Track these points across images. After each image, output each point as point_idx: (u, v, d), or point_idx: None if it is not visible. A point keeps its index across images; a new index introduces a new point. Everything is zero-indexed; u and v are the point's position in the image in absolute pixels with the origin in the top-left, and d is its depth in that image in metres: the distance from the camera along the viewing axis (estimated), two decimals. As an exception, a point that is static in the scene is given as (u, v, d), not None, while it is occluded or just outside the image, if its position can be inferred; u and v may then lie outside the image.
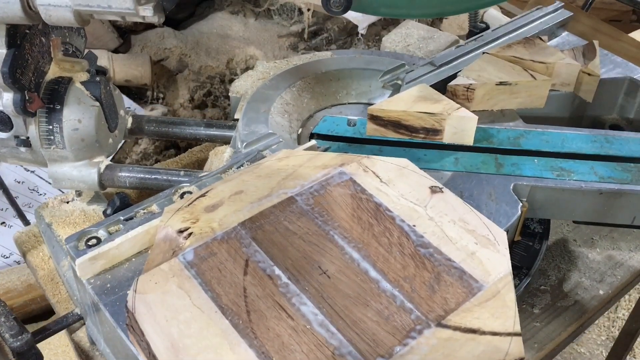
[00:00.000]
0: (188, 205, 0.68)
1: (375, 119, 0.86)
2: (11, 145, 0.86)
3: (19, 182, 1.90)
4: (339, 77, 1.02)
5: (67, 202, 0.95)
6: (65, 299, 0.92)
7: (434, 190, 0.69)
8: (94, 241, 0.68)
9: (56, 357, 1.59)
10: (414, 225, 0.65)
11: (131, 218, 0.71)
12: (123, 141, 1.18)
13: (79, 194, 0.96)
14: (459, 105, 0.85)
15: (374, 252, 0.62)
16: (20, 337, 0.67)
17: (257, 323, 0.56)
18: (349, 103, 1.02)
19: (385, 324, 0.56)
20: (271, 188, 0.70)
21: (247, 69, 2.02)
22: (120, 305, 0.64)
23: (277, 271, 0.60)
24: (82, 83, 0.86)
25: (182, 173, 0.87)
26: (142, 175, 0.89)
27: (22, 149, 0.86)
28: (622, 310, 1.91)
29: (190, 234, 0.64)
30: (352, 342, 0.54)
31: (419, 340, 0.54)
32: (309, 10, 1.86)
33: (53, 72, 0.85)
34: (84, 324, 0.78)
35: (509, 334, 0.55)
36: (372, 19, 1.63)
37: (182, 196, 0.74)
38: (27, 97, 0.78)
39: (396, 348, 0.54)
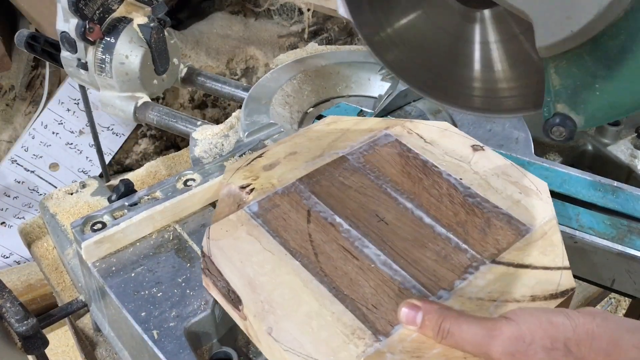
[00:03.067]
0: (247, 164, 0.73)
1: None
2: (74, 66, 1.02)
3: (19, 182, 1.91)
4: (339, 70, 1.03)
5: (72, 194, 0.96)
6: (69, 287, 0.93)
7: (475, 148, 0.74)
8: (99, 226, 0.69)
9: (56, 357, 1.59)
10: (461, 179, 0.69)
11: (135, 204, 0.72)
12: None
13: (82, 185, 0.97)
14: None
15: (426, 202, 0.67)
16: (25, 322, 0.68)
17: (325, 263, 0.60)
18: (349, 96, 1.04)
19: (444, 262, 0.60)
20: (323, 149, 0.74)
21: (247, 69, 2.03)
22: (125, 287, 0.65)
23: (338, 219, 0.65)
24: (138, 25, 0.99)
25: (199, 122, 0.96)
26: (166, 117, 1.01)
27: (82, 71, 1.02)
28: (622, 311, 1.91)
29: (252, 190, 0.68)
30: (415, 277, 0.58)
31: (476, 275, 0.58)
32: (309, 10, 1.88)
33: (120, 11, 1.00)
34: (88, 310, 0.79)
35: (559, 268, 0.59)
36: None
37: (185, 183, 0.75)
38: (88, 26, 0.94)
39: (456, 282, 0.58)
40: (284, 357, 0.52)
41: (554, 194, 0.76)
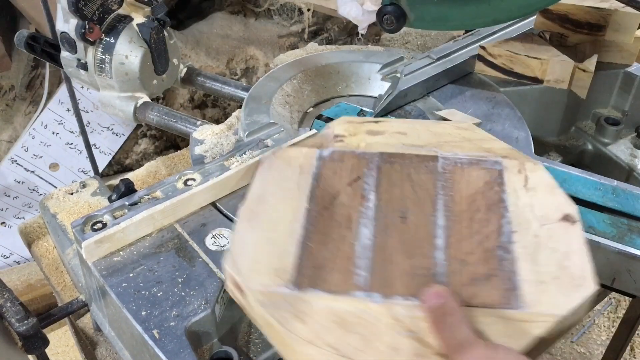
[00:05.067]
0: (360, 122, 0.76)
1: (545, 11, 0.97)
2: (74, 66, 1.02)
3: (19, 182, 1.91)
4: (339, 70, 1.03)
5: (72, 194, 0.96)
6: (69, 287, 0.93)
7: (566, 218, 0.63)
8: (99, 225, 0.69)
9: (57, 357, 1.59)
10: (515, 232, 0.62)
11: (136, 203, 0.72)
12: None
13: (83, 185, 0.97)
14: (624, 5, 0.90)
15: (457, 229, 0.63)
16: (26, 321, 0.68)
17: (323, 216, 0.64)
18: (349, 95, 1.04)
19: (410, 278, 0.58)
20: (429, 142, 0.74)
21: (247, 69, 2.03)
22: (125, 287, 0.65)
23: (372, 196, 0.66)
24: (137, 25, 0.99)
25: (198, 122, 0.96)
26: (166, 117, 1.01)
27: (82, 72, 1.02)
28: (622, 310, 1.91)
29: (341, 141, 0.73)
30: (371, 272, 0.58)
31: (418, 305, 0.55)
32: (309, 10, 1.88)
33: (120, 12, 1.00)
34: (88, 310, 0.79)
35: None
36: (372, 18, 1.64)
37: (185, 183, 0.75)
38: (87, 27, 0.94)
39: (398, 297, 0.56)
40: (230, 248, 0.60)
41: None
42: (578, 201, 0.75)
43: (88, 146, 1.41)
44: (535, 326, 0.53)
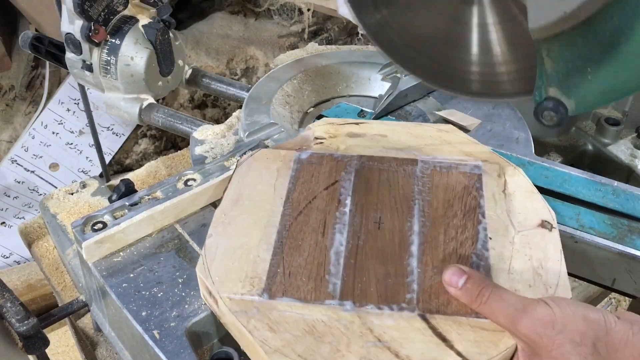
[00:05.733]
0: (340, 124, 0.77)
1: None
2: (79, 68, 1.02)
3: (19, 182, 1.91)
4: (339, 70, 1.03)
5: (72, 194, 0.96)
6: (70, 287, 0.94)
7: (543, 225, 0.65)
8: (99, 225, 0.69)
9: (56, 357, 1.59)
10: (490, 238, 0.62)
11: (136, 204, 0.72)
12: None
13: (83, 185, 0.97)
14: None
15: (433, 235, 0.63)
16: (26, 321, 0.68)
17: (297, 222, 0.64)
18: (349, 95, 1.04)
19: (382, 286, 0.58)
20: (409, 145, 0.75)
21: (247, 69, 2.03)
22: (126, 287, 0.65)
23: (348, 201, 0.66)
24: (142, 26, 0.99)
25: (204, 124, 0.97)
26: (171, 119, 1.02)
27: (87, 73, 1.02)
28: (622, 310, 1.91)
29: (321, 143, 0.74)
30: (345, 279, 0.58)
31: (393, 314, 0.55)
32: (309, 10, 1.88)
33: (125, 13, 1.00)
34: (89, 310, 0.79)
35: None
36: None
37: (185, 183, 0.75)
38: (92, 28, 0.94)
39: (370, 306, 0.56)
40: (203, 253, 0.61)
41: (554, 194, 0.76)
42: (578, 202, 0.75)
43: (99, 148, 1.39)
44: (508, 336, 0.53)
